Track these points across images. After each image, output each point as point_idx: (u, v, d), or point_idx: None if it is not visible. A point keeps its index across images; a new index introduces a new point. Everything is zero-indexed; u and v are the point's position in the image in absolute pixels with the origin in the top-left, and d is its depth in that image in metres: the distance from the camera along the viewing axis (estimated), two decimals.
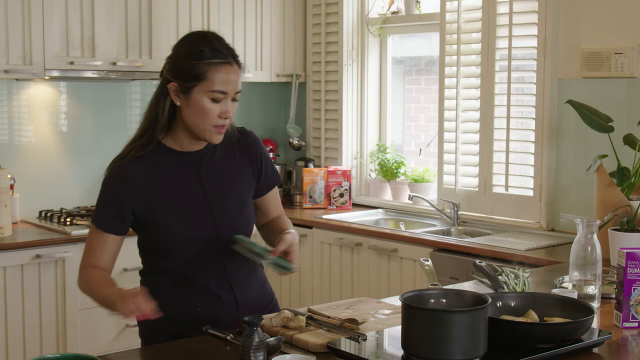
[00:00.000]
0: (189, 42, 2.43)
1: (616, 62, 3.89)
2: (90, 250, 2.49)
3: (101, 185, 2.48)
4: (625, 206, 3.36)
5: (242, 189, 2.54)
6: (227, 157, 2.52)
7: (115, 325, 4.29)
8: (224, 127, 2.40)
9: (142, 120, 2.47)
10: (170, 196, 2.43)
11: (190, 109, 2.36)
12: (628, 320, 2.41)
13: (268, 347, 2.03)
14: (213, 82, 2.34)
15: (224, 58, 2.37)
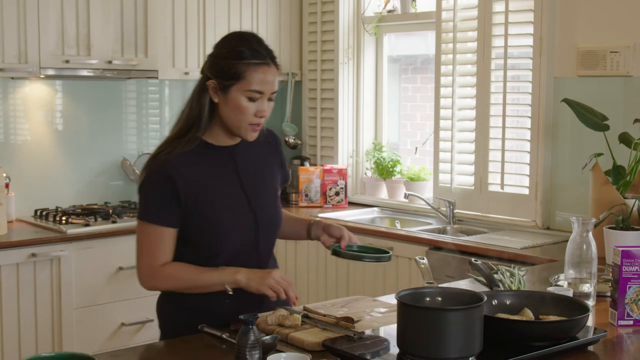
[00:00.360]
0: (229, 42, 2.50)
1: (612, 61, 3.89)
2: (152, 250, 2.47)
3: (145, 183, 2.49)
4: (621, 204, 3.36)
5: (273, 182, 2.66)
6: (260, 153, 2.62)
7: (110, 324, 4.28)
8: (259, 126, 2.48)
9: (183, 116, 2.53)
10: (212, 188, 2.49)
11: (227, 106, 2.44)
12: (623, 318, 2.41)
13: (264, 345, 2.03)
14: (250, 81, 2.41)
15: (262, 59, 2.43)
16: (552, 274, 3.00)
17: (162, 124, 5.14)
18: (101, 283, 4.24)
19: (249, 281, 2.39)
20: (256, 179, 2.58)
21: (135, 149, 5.00)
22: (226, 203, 2.50)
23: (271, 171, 2.65)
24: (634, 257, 2.38)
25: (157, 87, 5.09)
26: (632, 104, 3.85)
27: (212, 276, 2.42)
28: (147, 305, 4.38)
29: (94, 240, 4.21)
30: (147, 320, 4.38)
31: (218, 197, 2.49)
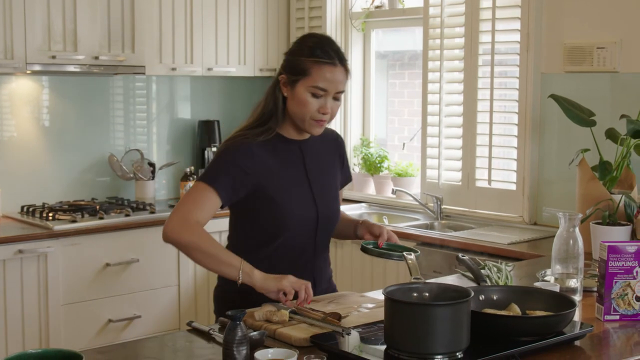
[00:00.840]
0: (303, 40, 2.64)
1: (598, 57, 3.90)
2: (197, 204, 2.53)
3: (221, 153, 2.59)
4: (607, 200, 3.38)
5: (335, 180, 2.79)
6: (325, 150, 2.77)
7: (98, 320, 4.27)
8: (323, 122, 2.59)
9: (258, 109, 2.66)
10: (281, 178, 2.61)
11: (293, 100, 2.57)
12: (609, 313, 2.42)
13: (251, 341, 2.03)
14: (315, 78, 2.53)
15: (329, 59, 2.54)
16: (539, 269, 3.00)
17: (150, 119, 5.13)
18: (88, 279, 4.23)
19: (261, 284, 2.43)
20: (321, 174, 2.71)
21: (122, 145, 4.99)
22: (292, 193, 2.63)
23: (334, 170, 2.79)
24: (620, 253, 2.39)
25: (144, 82, 5.08)
26: (619, 99, 3.86)
27: (233, 258, 2.47)
28: (134, 301, 4.39)
29: (81, 236, 4.20)
30: (134, 316, 4.38)
31: (286, 187, 2.61)
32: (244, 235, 2.69)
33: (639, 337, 2.35)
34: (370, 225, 2.75)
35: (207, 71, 4.99)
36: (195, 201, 2.53)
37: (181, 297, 4.60)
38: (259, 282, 2.43)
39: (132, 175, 4.90)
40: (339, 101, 2.59)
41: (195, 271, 4.66)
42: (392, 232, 2.71)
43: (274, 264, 2.61)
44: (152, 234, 4.45)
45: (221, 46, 5.05)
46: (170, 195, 5.18)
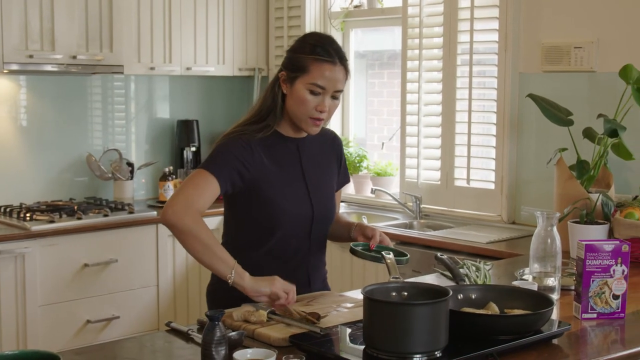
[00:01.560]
0: (304, 38, 2.64)
1: (576, 57, 3.92)
2: (199, 190, 2.51)
3: (221, 146, 2.58)
4: (585, 199, 3.39)
5: (331, 179, 2.79)
6: (322, 150, 2.76)
7: (76, 321, 4.25)
8: (320, 121, 2.58)
9: (257, 105, 2.66)
10: (277, 174, 2.61)
11: (292, 97, 2.57)
12: (587, 312, 2.43)
13: (230, 341, 2.03)
14: (314, 75, 2.53)
15: (329, 57, 2.54)
16: (517, 268, 3.02)
17: (128, 119, 5.11)
18: (66, 280, 4.21)
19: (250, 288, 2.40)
20: (317, 172, 2.71)
21: (100, 145, 4.96)
22: (288, 190, 2.63)
23: (331, 169, 2.78)
24: (597, 251, 2.40)
25: (122, 82, 5.06)
26: (596, 99, 3.88)
27: (228, 256, 2.45)
28: (113, 302, 4.37)
29: (58, 236, 4.17)
30: (113, 317, 4.36)
31: (281, 183, 2.61)
32: (239, 233, 2.68)
33: (616, 335, 2.36)
34: (364, 227, 2.74)
35: (185, 70, 4.98)
36: (197, 186, 2.50)
37: (160, 298, 4.59)
38: (249, 284, 2.40)
39: (110, 175, 4.87)
40: (337, 100, 2.59)
41: (174, 271, 4.65)
42: (385, 235, 2.70)
43: (269, 262, 2.62)
44: (130, 234, 4.43)
45: (200, 45, 5.04)
46: (149, 195, 5.16)
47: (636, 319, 2.50)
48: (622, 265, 2.42)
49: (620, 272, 2.42)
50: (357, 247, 2.64)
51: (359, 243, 2.67)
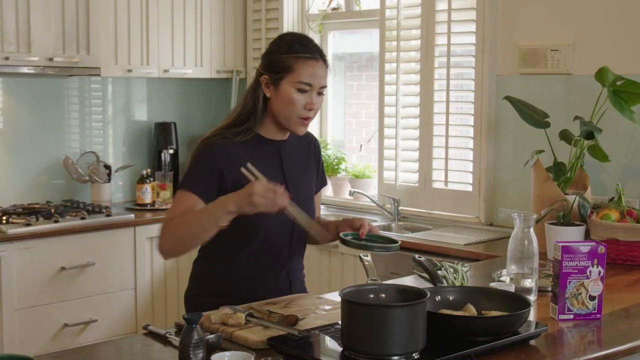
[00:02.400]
0: (280, 39, 2.65)
1: (552, 59, 3.95)
2: (177, 211, 2.52)
3: (198, 154, 2.58)
4: (562, 200, 3.41)
5: (310, 181, 2.79)
6: (302, 152, 2.76)
7: (53, 324, 4.23)
8: (309, 120, 2.60)
9: (237, 109, 2.65)
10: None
11: (278, 99, 2.57)
12: (564, 313, 2.44)
13: (208, 344, 2.02)
14: (300, 74, 2.54)
15: (310, 53, 2.57)
16: (494, 269, 3.03)
17: (105, 121, 5.08)
18: (43, 283, 4.18)
19: (240, 207, 2.37)
20: (298, 175, 2.71)
21: (77, 147, 4.94)
22: None
23: (310, 172, 2.78)
24: (574, 253, 2.42)
25: (100, 84, 5.04)
26: (572, 101, 3.91)
27: (207, 213, 2.43)
28: (90, 305, 4.35)
29: (35, 240, 4.15)
30: (90, 320, 4.34)
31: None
32: (220, 238, 2.61)
33: (592, 335, 2.38)
34: (350, 219, 2.71)
35: (163, 73, 4.97)
36: (177, 210, 2.52)
37: (138, 301, 4.57)
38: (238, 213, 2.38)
39: (87, 178, 4.85)
40: (322, 96, 2.61)
41: (152, 274, 4.63)
42: (372, 225, 2.68)
43: (251, 266, 2.62)
44: (108, 237, 4.41)
45: (177, 48, 5.02)
46: (127, 197, 5.14)
47: (612, 319, 2.52)
48: (598, 267, 2.43)
49: (597, 274, 2.44)
50: (347, 237, 2.59)
51: (348, 233, 2.62)
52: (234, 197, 2.38)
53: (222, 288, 2.63)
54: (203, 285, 2.68)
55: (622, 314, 2.59)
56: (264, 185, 2.36)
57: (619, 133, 3.72)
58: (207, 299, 2.58)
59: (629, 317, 2.59)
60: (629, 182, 3.71)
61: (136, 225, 4.54)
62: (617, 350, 2.23)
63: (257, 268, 2.63)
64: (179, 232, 2.46)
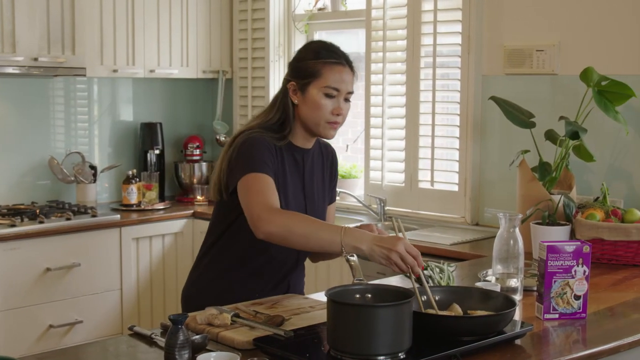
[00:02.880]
0: (308, 46, 2.70)
1: (537, 59, 3.96)
2: (267, 193, 2.44)
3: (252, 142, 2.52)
4: (547, 200, 3.42)
5: (324, 193, 2.79)
6: (321, 164, 2.78)
7: (38, 326, 4.21)
8: (337, 124, 2.61)
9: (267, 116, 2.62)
10: (283, 183, 2.60)
11: (306, 104, 2.57)
12: (549, 312, 2.45)
13: (193, 345, 2.02)
14: (327, 79, 2.55)
15: (337, 59, 2.59)
16: (480, 269, 3.03)
17: (91, 122, 5.07)
18: (28, 284, 4.17)
19: (372, 253, 2.28)
20: (314, 186, 2.72)
21: (62, 148, 4.92)
22: (290, 200, 2.62)
23: (324, 184, 2.78)
24: (559, 252, 2.42)
25: (85, 84, 5.02)
26: (558, 101, 3.92)
27: (332, 232, 2.34)
28: (76, 306, 4.33)
29: (20, 240, 4.13)
30: (76, 321, 4.33)
31: (285, 193, 2.60)
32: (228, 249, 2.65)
33: (577, 335, 2.39)
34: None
35: (149, 73, 4.96)
36: (262, 189, 2.44)
37: (124, 302, 4.56)
38: (367, 255, 2.30)
39: (73, 179, 4.83)
40: (349, 102, 2.61)
41: (138, 275, 4.62)
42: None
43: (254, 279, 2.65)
44: (93, 238, 4.40)
45: (163, 48, 5.01)
46: (112, 198, 5.12)
47: (597, 319, 2.53)
48: (583, 266, 2.44)
49: (582, 273, 2.45)
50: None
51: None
52: (372, 240, 2.29)
53: (222, 294, 2.63)
54: (203, 288, 2.70)
55: (607, 313, 2.60)
56: (407, 246, 2.27)
57: (604, 133, 3.74)
58: (202, 297, 2.61)
59: (613, 316, 2.60)
60: (614, 182, 3.72)
61: (122, 226, 4.53)
62: (602, 349, 2.24)
63: (260, 280, 2.66)
64: (295, 229, 2.35)
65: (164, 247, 4.76)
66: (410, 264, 2.26)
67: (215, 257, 2.69)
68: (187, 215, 4.87)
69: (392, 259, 2.26)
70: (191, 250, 4.84)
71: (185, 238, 4.85)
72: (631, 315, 2.61)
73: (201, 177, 5.27)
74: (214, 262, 2.70)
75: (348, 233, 2.32)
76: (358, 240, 2.30)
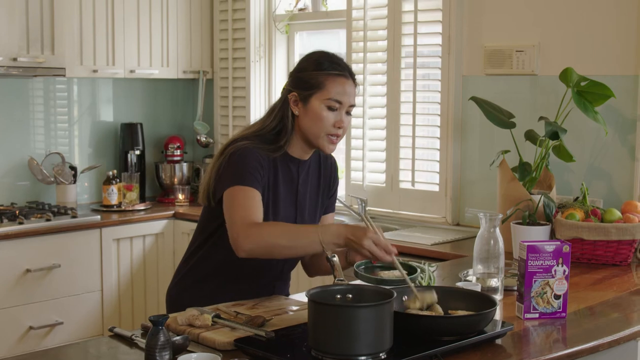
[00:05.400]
0: (311, 56, 2.64)
1: (517, 60, 3.98)
2: (248, 207, 2.44)
3: (241, 153, 2.51)
4: (527, 200, 3.44)
5: (317, 206, 2.76)
6: (317, 174, 2.74)
7: (18, 327, 4.19)
8: (338, 138, 2.58)
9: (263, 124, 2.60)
10: (274, 194, 2.59)
11: (307, 116, 2.55)
12: (529, 312, 2.46)
13: (174, 346, 2.02)
14: (330, 91, 2.53)
15: (340, 71, 2.56)
16: (461, 269, 3.04)
17: (71, 122, 5.04)
18: (8, 286, 4.14)
19: (348, 247, 2.41)
20: (307, 197, 2.69)
21: (42, 148, 4.89)
22: (279, 211, 2.61)
23: (319, 196, 2.75)
24: (539, 252, 2.44)
25: (65, 85, 4.99)
26: (538, 101, 3.94)
27: (310, 234, 2.39)
28: (56, 307, 4.31)
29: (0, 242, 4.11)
30: (56, 323, 4.30)
31: (275, 204, 2.59)
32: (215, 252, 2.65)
33: (557, 334, 2.40)
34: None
35: (129, 73, 4.94)
36: (244, 204, 2.44)
37: (104, 303, 4.54)
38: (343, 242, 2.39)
39: (52, 179, 4.81)
40: (350, 116, 2.60)
41: (118, 276, 4.60)
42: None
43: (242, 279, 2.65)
44: (74, 239, 4.38)
45: (144, 48, 5.00)
46: (93, 199, 5.10)
47: (577, 318, 2.54)
48: (563, 266, 2.46)
49: (562, 273, 2.46)
50: (359, 269, 2.53)
51: (360, 263, 2.57)
52: (346, 234, 2.38)
53: (206, 294, 2.62)
54: (187, 287, 2.71)
55: (586, 312, 2.62)
56: (377, 239, 2.37)
57: (583, 133, 3.76)
58: (186, 296, 2.62)
59: (593, 315, 2.61)
60: (594, 181, 3.75)
61: (102, 227, 4.51)
62: (582, 349, 2.26)
63: (245, 285, 2.66)
64: (274, 241, 2.39)
65: (144, 247, 4.75)
66: (379, 257, 2.39)
67: (201, 260, 2.69)
68: (168, 216, 4.85)
69: (362, 254, 2.40)
70: (172, 251, 4.83)
71: (166, 239, 4.84)
72: (611, 315, 2.63)
73: (182, 177, 5.26)
74: (200, 265, 2.69)
75: (324, 232, 2.39)
76: (335, 236, 2.39)
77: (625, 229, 3.24)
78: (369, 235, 2.37)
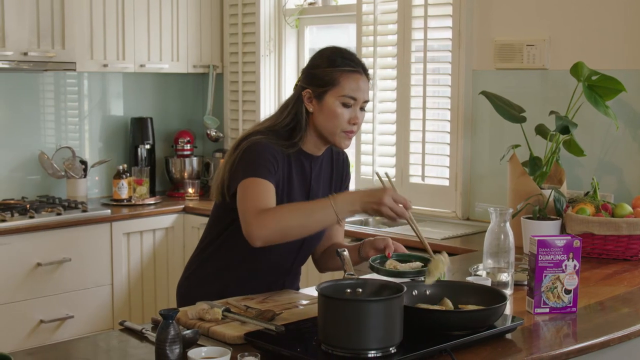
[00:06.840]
0: (323, 53, 2.63)
1: (528, 54, 3.96)
2: (260, 197, 2.43)
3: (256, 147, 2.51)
4: (537, 195, 3.43)
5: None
6: (329, 169, 2.74)
7: (29, 321, 4.20)
8: (353, 134, 2.58)
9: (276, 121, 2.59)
10: (288, 188, 2.58)
11: (322, 113, 2.54)
12: (539, 306, 2.46)
13: (184, 340, 2.02)
14: (344, 87, 2.52)
15: (354, 67, 2.55)
16: (471, 263, 3.04)
17: (81, 117, 5.05)
18: (19, 279, 4.16)
19: (365, 210, 2.40)
20: (320, 194, 2.67)
21: (53, 143, 4.90)
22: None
23: (330, 192, 2.67)
24: (549, 247, 2.43)
25: (75, 79, 5.00)
26: (548, 96, 3.93)
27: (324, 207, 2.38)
28: (67, 301, 4.33)
29: (10, 236, 4.12)
30: (67, 316, 4.32)
31: (289, 199, 2.58)
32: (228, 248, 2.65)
33: (568, 329, 2.39)
34: (372, 241, 2.67)
35: (139, 67, 4.94)
36: (257, 194, 2.43)
37: (115, 297, 4.55)
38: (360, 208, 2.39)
39: (63, 174, 4.82)
40: (364, 111, 2.59)
41: (128, 270, 4.61)
42: (398, 243, 2.67)
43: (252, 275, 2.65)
44: (84, 233, 4.39)
45: (154, 42, 5.00)
46: (103, 193, 5.11)
47: (587, 313, 2.53)
48: (573, 260, 2.45)
49: (572, 267, 2.45)
50: (374, 263, 2.53)
51: (376, 257, 2.58)
52: (362, 197, 2.38)
53: (216, 289, 2.63)
54: (198, 282, 2.71)
55: (597, 307, 2.61)
56: (395, 196, 2.39)
57: (594, 128, 3.75)
58: (196, 291, 2.63)
59: (603, 310, 2.61)
60: (604, 176, 3.73)
61: (112, 221, 4.52)
62: (592, 343, 2.25)
63: (255, 280, 2.66)
64: (288, 222, 2.37)
65: (154, 242, 4.76)
66: (399, 214, 2.41)
67: (212, 255, 2.69)
68: (178, 210, 4.86)
69: (383, 213, 2.38)
70: (182, 245, 4.84)
71: (176, 233, 4.84)
72: (621, 310, 2.62)
73: (192, 171, 5.26)
74: (211, 261, 2.70)
75: (337, 200, 2.38)
76: (350, 203, 2.38)
77: (636, 224, 3.23)
78: (388, 193, 2.38)
